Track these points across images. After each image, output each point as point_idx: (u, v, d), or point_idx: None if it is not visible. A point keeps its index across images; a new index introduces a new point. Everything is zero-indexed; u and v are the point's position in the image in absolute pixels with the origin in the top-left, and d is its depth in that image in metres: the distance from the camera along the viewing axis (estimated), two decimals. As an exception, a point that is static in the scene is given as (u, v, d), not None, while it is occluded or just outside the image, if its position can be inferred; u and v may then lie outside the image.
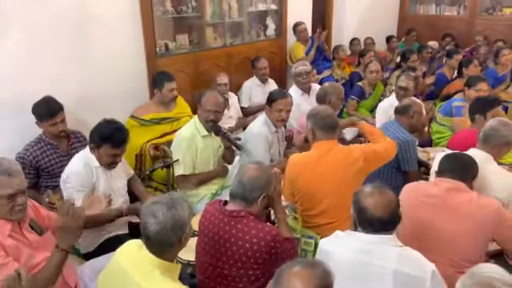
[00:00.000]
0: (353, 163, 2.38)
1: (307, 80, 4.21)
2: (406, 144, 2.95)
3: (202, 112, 3.00)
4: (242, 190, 1.91)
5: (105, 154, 2.47)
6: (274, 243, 1.84)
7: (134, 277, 1.55)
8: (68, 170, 2.50)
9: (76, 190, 2.44)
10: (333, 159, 2.41)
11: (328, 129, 2.47)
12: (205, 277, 2.00)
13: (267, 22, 5.26)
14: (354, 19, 6.68)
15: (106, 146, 2.45)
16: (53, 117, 2.87)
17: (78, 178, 2.44)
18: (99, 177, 2.53)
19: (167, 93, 3.60)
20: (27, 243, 1.87)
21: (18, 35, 2.97)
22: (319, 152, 2.45)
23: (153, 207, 1.59)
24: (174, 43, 4.28)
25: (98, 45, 3.42)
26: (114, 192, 2.60)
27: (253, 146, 3.18)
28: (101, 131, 2.48)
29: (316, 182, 2.41)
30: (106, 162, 2.51)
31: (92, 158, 2.51)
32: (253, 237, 1.84)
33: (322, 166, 2.40)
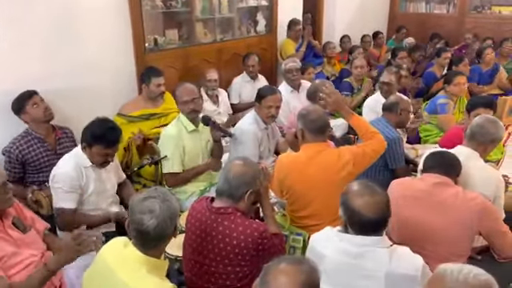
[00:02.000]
0: (343, 167, 2.36)
1: (297, 77, 4.21)
2: (392, 141, 2.96)
3: (181, 106, 2.99)
4: (228, 187, 1.90)
5: (97, 154, 2.44)
6: (261, 240, 1.84)
7: (120, 275, 1.53)
8: (57, 170, 2.45)
9: (64, 191, 2.40)
10: (322, 162, 2.38)
11: (317, 131, 2.43)
12: (192, 274, 1.99)
13: (258, 17, 5.24)
14: (345, 16, 6.70)
15: (98, 145, 2.41)
16: (31, 97, 2.84)
17: (67, 179, 2.40)
18: (89, 178, 2.49)
19: (154, 88, 3.57)
20: (11, 241, 1.85)
21: (3, 32, 2.90)
22: (308, 154, 2.42)
23: (146, 203, 1.58)
24: (164, 38, 4.23)
25: (85, 40, 3.36)
26: (103, 193, 2.58)
27: (242, 143, 3.17)
28: (93, 130, 2.43)
29: (305, 184, 2.39)
30: (97, 162, 2.47)
31: (83, 158, 2.47)
32: (240, 233, 1.83)
33: (311, 168, 2.37)
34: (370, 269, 1.68)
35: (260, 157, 3.26)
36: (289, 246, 2.35)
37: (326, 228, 1.87)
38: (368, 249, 1.69)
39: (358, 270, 1.69)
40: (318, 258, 1.74)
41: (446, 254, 2.05)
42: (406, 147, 3.63)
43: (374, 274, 1.67)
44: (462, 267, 1.30)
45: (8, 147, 2.85)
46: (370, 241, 1.70)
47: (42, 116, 2.88)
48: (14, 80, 2.96)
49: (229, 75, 4.68)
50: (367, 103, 3.97)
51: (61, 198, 2.40)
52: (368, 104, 3.94)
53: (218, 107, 4.23)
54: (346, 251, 1.72)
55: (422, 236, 2.10)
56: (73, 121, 3.14)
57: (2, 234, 1.85)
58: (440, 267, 1.34)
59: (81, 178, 2.45)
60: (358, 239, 1.71)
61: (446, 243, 2.09)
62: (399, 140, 3.02)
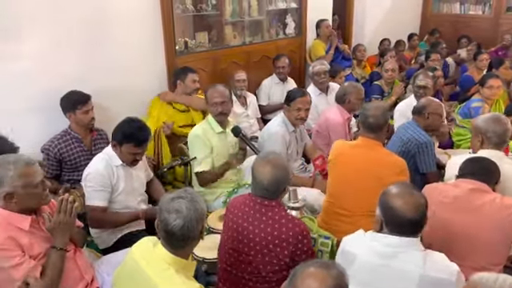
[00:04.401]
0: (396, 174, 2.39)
1: (325, 80, 4.18)
2: (424, 145, 2.90)
3: (211, 107, 3.02)
4: (268, 194, 1.94)
5: (126, 152, 2.49)
6: (301, 236, 1.87)
7: (149, 274, 1.56)
8: (89, 169, 2.52)
9: (95, 189, 2.46)
10: (374, 159, 2.48)
11: (367, 128, 2.54)
12: (227, 264, 2.02)
13: (287, 20, 5.24)
14: (375, 18, 6.60)
15: (127, 144, 2.47)
16: (86, 103, 2.97)
17: (98, 178, 2.46)
18: (119, 176, 2.54)
19: (190, 83, 3.63)
20: (45, 236, 1.91)
21: (43, 35, 3.03)
22: (360, 143, 2.60)
23: (174, 203, 1.60)
24: (194, 41, 4.30)
25: (118, 43, 3.46)
26: (133, 191, 2.63)
27: (270, 146, 3.16)
28: (123, 129, 2.50)
29: (348, 169, 2.52)
30: (127, 160, 2.53)
31: (113, 157, 2.53)
32: (282, 225, 1.87)
33: (360, 158, 2.51)
34: (403, 270, 1.65)
35: (288, 159, 3.24)
36: (317, 249, 2.33)
37: (358, 231, 1.87)
38: (402, 250, 1.67)
39: (390, 270, 1.68)
40: (349, 258, 1.75)
41: (481, 262, 1.99)
42: (438, 152, 3.54)
43: (407, 276, 1.64)
44: (497, 276, 1.27)
45: (47, 145, 2.96)
46: (406, 242, 1.68)
47: (86, 123, 3.02)
48: (52, 81, 3.09)
49: (257, 78, 4.69)
50: (399, 107, 3.88)
51: (92, 196, 2.47)
52: (400, 108, 3.85)
53: (247, 109, 4.25)
54: (377, 251, 1.71)
55: (457, 243, 2.04)
56: (106, 121, 3.22)
57: (39, 230, 1.91)
58: (475, 276, 1.30)
59: (111, 177, 2.50)
60: (392, 239, 1.69)
61: (481, 251, 2.02)
62: (431, 144, 2.95)
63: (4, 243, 1.76)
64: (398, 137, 3.06)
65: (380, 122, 2.53)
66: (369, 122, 2.52)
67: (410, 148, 2.93)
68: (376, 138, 2.54)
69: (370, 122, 2.52)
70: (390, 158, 2.51)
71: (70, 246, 2.00)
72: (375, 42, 6.32)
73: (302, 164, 3.46)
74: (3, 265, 1.73)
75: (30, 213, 1.89)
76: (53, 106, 3.02)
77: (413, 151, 2.92)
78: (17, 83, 2.95)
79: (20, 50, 2.95)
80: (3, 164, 1.80)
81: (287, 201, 2.51)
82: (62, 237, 1.91)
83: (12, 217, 1.82)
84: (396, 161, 2.49)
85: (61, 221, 1.89)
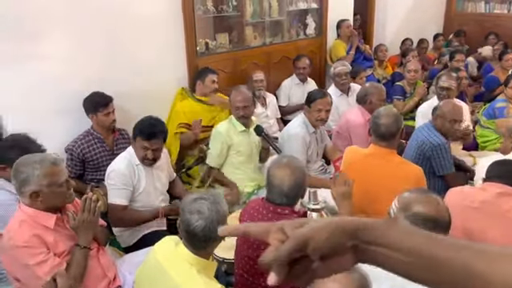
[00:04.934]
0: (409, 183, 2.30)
1: (346, 81, 4.14)
2: (437, 148, 2.84)
3: (233, 109, 3.06)
4: (287, 200, 1.91)
5: (140, 147, 2.52)
6: None
7: (171, 274, 1.57)
8: (111, 168, 2.56)
9: (117, 187, 2.50)
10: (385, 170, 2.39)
11: (379, 136, 2.45)
12: (244, 271, 2.01)
13: (307, 20, 5.21)
14: (397, 18, 6.50)
15: (139, 137, 2.51)
16: (107, 106, 3.03)
17: (120, 176, 2.50)
18: (141, 175, 2.58)
19: (210, 83, 3.65)
20: (69, 234, 1.95)
21: (64, 37, 3.09)
22: (371, 152, 2.50)
23: (196, 204, 1.61)
24: (214, 42, 4.32)
25: (140, 44, 3.51)
26: (154, 191, 2.66)
27: (290, 147, 3.15)
28: (137, 124, 2.57)
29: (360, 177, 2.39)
30: (140, 156, 2.54)
31: (134, 155, 2.57)
32: None
33: (370, 166, 2.42)
34: None
35: (308, 161, 3.24)
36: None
37: None
38: None
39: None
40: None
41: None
42: (461, 154, 3.47)
43: None
44: None
45: (70, 145, 3.02)
46: None
47: (107, 125, 3.08)
48: (76, 83, 3.15)
49: (277, 78, 4.69)
50: (421, 109, 3.81)
51: (113, 195, 2.51)
52: (422, 110, 3.78)
53: (266, 109, 4.24)
54: None
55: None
56: (127, 122, 3.26)
57: (63, 229, 1.95)
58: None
59: (133, 176, 2.54)
60: None
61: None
62: (445, 146, 2.88)
63: (30, 241, 1.80)
64: (414, 139, 3.02)
65: (392, 129, 2.43)
66: (381, 130, 2.42)
67: (424, 151, 2.88)
68: (388, 146, 2.45)
69: (381, 130, 2.42)
70: (404, 168, 2.41)
71: (93, 244, 2.04)
72: (397, 41, 6.23)
73: (322, 165, 3.43)
74: (28, 262, 1.78)
75: (55, 211, 1.93)
76: (77, 107, 3.08)
77: (427, 154, 2.87)
78: (42, 85, 3.02)
79: (45, 52, 3.01)
80: (30, 163, 1.84)
81: (307, 202, 2.48)
82: (85, 235, 1.95)
83: (38, 215, 1.87)
84: (411, 170, 2.40)
85: (85, 219, 1.93)
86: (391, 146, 2.47)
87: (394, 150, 2.51)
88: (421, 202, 1.61)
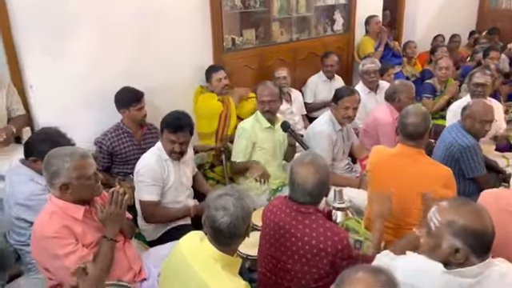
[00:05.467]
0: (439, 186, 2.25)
1: (375, 79, 4.06)
2: (467, 150, 2.75)
3: (259, 104, 3.05)
4: (310, 198, 1.87)
5: (167, 140, 2.53)
6: (341, 246, 1.79)
7: (196, 269, 1.57)
8: (141, 164, 2.57)
9: (147, 183, 2.51)
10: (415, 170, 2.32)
11: (406, 135, 2.38)
12: (267, 270, 2.00)
13: (335, 16, 5.14)
14: (428, 14, 6.33)
15: (166, 130, 2.53)
16: (139, 101, 3.06)
17: (150, 172, 2.51)
18: (170, 170, 2.59)
19: (216, 82, 3.64)
20: (97, 226, 1.99)
21: (92, 33, 3.14)
22: (399, 152, 2.42)
23: (221, 200, 1.61)
24: (241, 38, 4.31)
25: (168, 39, 3.53)
26: (181, 185, 2.68)
27: (315, 144, 3.11)
28: (164, 118, 2.59)
29: (387, 178, 2.36)
30: (167, 150, 2.56)
31: (163, 150, 2.58)
32: (320, 234, 1.80)
33: (399, 167, 2.36)
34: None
35: (333, 159, 3.19)
36: (363, 252, 2.26)
37: (414, 258, 1.64)
38: (485, 272, 1.47)
39: None
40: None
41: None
42: (494, 155, 3.35)
43: None
44: None
45: (100, 138, 3.08)
46: (489, 263, 1.47)
47: (139, 120, 3.12)
48: (104, 78, 3.20)
49: (304, 75, 4.65)
50: (452, 107, 3.69)
51: (144, 191, 2.53)
52: (453, 108, 3.65)
53: (291, 106, 4.21)
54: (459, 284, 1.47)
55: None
56: (154, 117, 3.30)
57: (91, 220, 1.98)
58: None
59: (163, 171, 2.55)
60: (480, 268, 1.46)
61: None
62: (474, 148, 2.79)
63: (59, 231, 1.84)
64: (443, 140, 2.93)
65: (420, 129, 2.34)
66: (408, 129, 2.35)
67: (452, 152, 2.80)
68: (416, 146, 2.37)
69: (409, 130, 2.34)
70: (433, 169, 2.34)
71: (119, 236, 2.07)
72: (427, 39, 6.07)
73: (348, 164, 3.38)
74: (58, 252, 1.82)
75: (84, 203, 1.96)
76: (105, 101, 3.13)
77: (456, 156, 2.78)
78: (73, 80, 3.08)
79: (77, 48, 3.07)
80: (60, 156, 1.88)
81: (332, 201, 2.45)
82: (112, 228, 1.98)
83: (67, 206, 1.90)
84: (440, 171, 2.32)
85: (112, 212, 1.96)
86: (419, 145, 2.40)
87: (422, 150, 2.44)
88: (467, 214, 1.48)
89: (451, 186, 2.31)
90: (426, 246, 1.57)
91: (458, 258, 1.46)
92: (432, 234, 1.53)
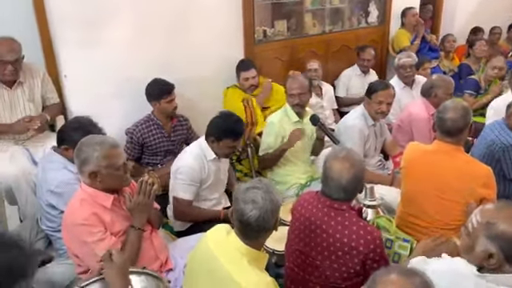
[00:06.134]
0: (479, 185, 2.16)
1: (410, 73, 3.91)
2: (508, 149, 2.61)
3: (289, 97, 2.98)
4: (344, 194, 1.81)
5: (225, 147, 2.52)
6: (373, 246, 1.73)
7: (223, 263, 1.55)
8: (181, 163, 2.55)
9: (186, 183, 2.50)
10: (453, 166, 2.22)
11: (443, 132, 2.27)
12: (295, 265, 1.96)
13: (370, 8, 5.00)
14: (468, 6, 6.05)
15: (227, 139, 2.50)
16: (170, 93, 3.07)
17: (190, 173, 2.50)
18: (210, 171, 2.58)
19: (243, 81, 3.62)
20: (125, 215, 2.00)
21: (125, 25, 3.17)
22: (436, 148, 2.32)
23: (250, 193, 1.57)
24: (272, 29, 4.25)
25: (199, 30, 3.52)
26: (218, 183, 2.69)
27: (346, 139, 3.02)
28: (221, 126, 2.52)
29: (424, 176, 2.28)
30: (224, 154, 2.58)
31: (207, 151, 2.55)
32: (352, 232, 1.75)
33: (437, 164, 2.26)
34: None
35: (365, 155, 3.10)
36: (393, 252, 2.19)
37: (448, 260, 1.57)
38: None
39: None
40: None
41: None
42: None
43: None
44: None
45: (131, 129, 3.11)
46: None
47: (170, 112, 3.13)
48: (136, 68, 3.23)
49: (336, 68, 4.55)
50: (494, 104, 3.51)
51: (180, 189, 2.52)
52: (494, 105, 3.47)
53: (322, 100, 4.13)
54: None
55: None
56: (185, 108, 3.32)
57: (120, 209, 2.00)
58: None
59: (202, 171, 2.54)
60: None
61: None
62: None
63: (89, 219, 1.86)
64: (483, 138, 2.79)
65: (459, 125, 2.22)
66: (446, 125, 2.23)
67: (494, 151, 2.65)
68: (455, 143, 2.25)
69: (447, 125, 2.23)
70: (472, 167, 2.22)
71: (147, 226, 2.07)
72: (465, 31, 5.80)
73: (380, 161, 3.28)
74: (87, 239, 1.84)
75: (113, 192, 1.97)
76: (136, 92, 3.16)
77: (497, 155, 2.64)
78: (105, 70, 3.13)
79: (109, 38, 3.11)
80: (91, 144, 1.90)
81: (363, 198, 2.39)
82: (140, 217, 1.99)
83: (97, 194, 1.92)
84: (480, 170, 2.21)
85: (140, 202, 1.97)
86: (458, 142, 2.28)
87: (461, 147, 2.32)
88: (509, 218, 1.38)
89: (491, 186, 2.19)
90: (462, 246, 1.50)
91: (491, 264, 1.39)
92: (470, 234, 1.45)
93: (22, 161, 2.71)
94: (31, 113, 2.79)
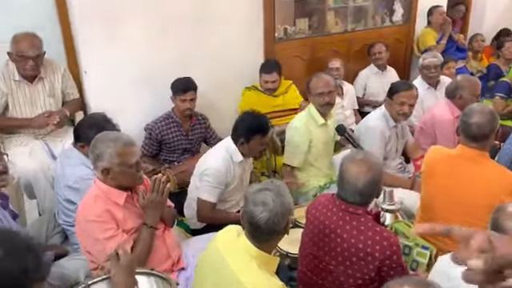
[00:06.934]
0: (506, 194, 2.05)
1: (435, 74, 3.78)
2: None
3: (315, 98, 2.86)
4: (361, 198, 1.76)
5: (256, 144, 2.50)
6: (390, 252, 1.67)
7: (231, 264, 1.52)
8: (209, 164, 2.51)
9: (212, 185, 2.47)
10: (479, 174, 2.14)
11: (468, 137, 2.18)
12: (308, 269, 1.92)
13: (395, 6, 4.86)
14: (498, 5, 5.83)
15: (256, 136, 2.48)
16: (184, 93, 3.07)
17: (217, 175, 2.47)
18: (236, 173, 2.56)
19: (262, 83, 3.57)
20: (138, 212, 1.99)
21: (146, 22, 3.17)
22: (459, 153, 2.23)
23: (260, 195, 1.54)
24: (294, 28, 4.19)
25: (219, 27, 3.49)
26: (242, 185, 2.67)
27: (367, 141, 2.94)
28: (248, 125, 2.51)
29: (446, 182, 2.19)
30: (256, 152, 2.57)
31: (235, 153, 2.52)
32: (368, 238, 1.69)
33: (459, 171, 2.18)
34: None
35: (385, 157, 3.01)
36: (411, 259, 2.11)
37: None
38: None
39: None
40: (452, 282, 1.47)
41: None
42: None
43: None
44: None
45: (150, 125, 3.12)
46: None
47: (181, 111, 3.12)
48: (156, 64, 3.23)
49: (358, 67, 4.45)
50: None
51: (206, 191, 2.49)
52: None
53: (343, 100, 4.04)
54: None
55: None
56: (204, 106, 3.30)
57: (132, 206, 1.99)
58: None
59: (229, 174, 2.52)
60: None
61: None
62: None
63: (101, 215, 1.85)
64: (510, 143, 2.66)
65: (485, 130, 2.13)
66: (471, 130, 2.14)
67: None
68: (480, 148, 2.16)
69: (473, 130, 2.14)
70: (499, 174, 2.13)
71: (160, 224, 2.06)
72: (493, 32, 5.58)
73: (400, 163, 3.18)
74: (99, 236, 1.83)
75: (126, 189, 1.96)
76: (155, 89, 3.17)
77: None
78: (124, 67, 3.14)
79: (128, 36, 3.12)
80: (105, 140, 1.90)
81: (381, 202, 2.32)
82: (153, 215, 1.97)
83: (110, 191, 1.92)
84: (507, 177, 2.11)
85: (153, 199, 1.95)
86: (483, 148, 2.19)
87: (486, 153, 2.22)
88: None
89: None
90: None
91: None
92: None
93: (41, 155, 2.75)
94: (51, 108, 2.83)
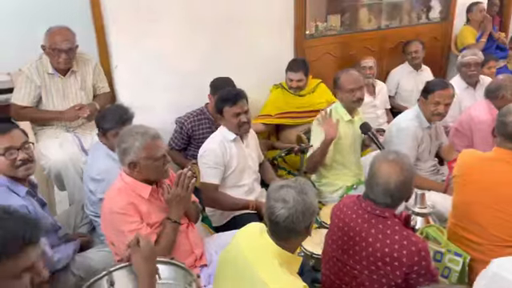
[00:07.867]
0: None
1: (475, 72, 3.61)
2: None
3: (344, 94, 2.78)
4: (391, 200, 1.69)
5: (230, 117, 2.49)
6: (418, 258, 1.59)
7: (253, 264, 1.48)
8: (204, 148, 2.55)
9: (209, 166, 2.49)
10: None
11: (505, 137, 2.06)
12: (331, 272, 1.85)
13: (432, 3, 4.68)
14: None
15: (226, 107, 2.48)
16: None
17: (212, 155, 2.48)
18: (233, 153, 2.55)
19: (288, 82, 3.51)
20: (162, 206, 1.99)
21: (177, 18, 3.17)
22: (496, 156, 2.11)
23: (281, 191, 1.49)
24: (325, 24, 4.10)
25: (249, 25, 3.46)
26: (247, 169, 2.63)
27: (398, 142, 2.82)
28: (217, 99, 2.57)
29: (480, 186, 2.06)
30: (234, 125, 2.51)
31: (226, 132, 2.55)
32: (395, 242, 1.61)
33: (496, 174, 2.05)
34: None
35: (417, 159, 2.90)
36: (443, 266, 2.01)
37: None
38: None
39: None
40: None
41: None
42: None
43: None
44: None
45: (182, 119, 3.12)
46: None
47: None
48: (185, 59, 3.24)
49: (391, 66, 4.32)
50: None
51: (205, 173, 2.51)
52: None
53: (375, 99, 3.93)
54: None
55: None
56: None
57: (157, 200, 1.99)
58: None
59: (225, 154, 2.52)
60: None
61: None
62: None
63: (126, 208, 1.86)
64: None
65: None
66: (509, 129, 2.03)
67: None
68: None
69: (509, 130, 2.03)
70: None
71: (183, 219, 2.06)
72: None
73: (434, 165, 3.05)
74: (123, 228, 1.84)
75: (151, 183, 1.97)
76: (184, 85, 3.18)
77: None
78: (154, 62, 3.16)
79: (159, 31, 3.13)
80: (132, 134, 1.90)
81: (412, 205, 2.22)
82: (177, 210, 1.97)
83: (135, 184, 1.92)
84: None
85: (178, 194, 1.95)
86: None
87: None
88: None
89: None
90: None
91: None
92: None
93: (71, 148, 2.80)
94: (82, 101, 2.88)
